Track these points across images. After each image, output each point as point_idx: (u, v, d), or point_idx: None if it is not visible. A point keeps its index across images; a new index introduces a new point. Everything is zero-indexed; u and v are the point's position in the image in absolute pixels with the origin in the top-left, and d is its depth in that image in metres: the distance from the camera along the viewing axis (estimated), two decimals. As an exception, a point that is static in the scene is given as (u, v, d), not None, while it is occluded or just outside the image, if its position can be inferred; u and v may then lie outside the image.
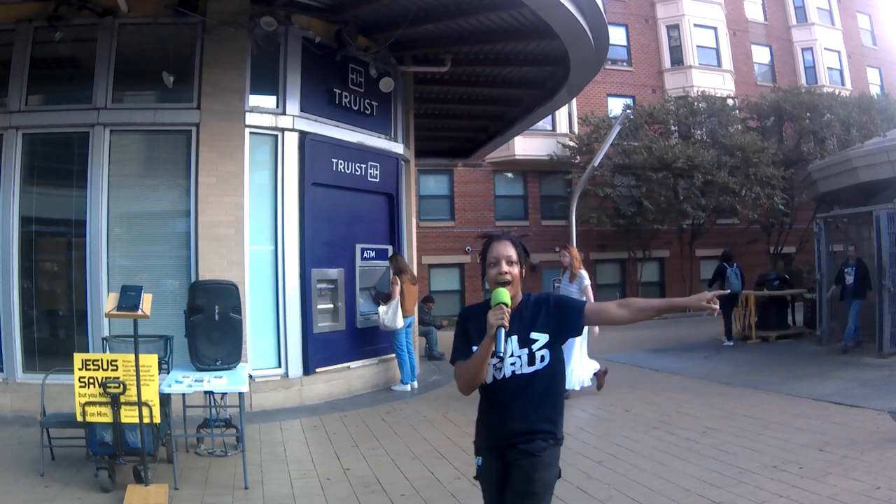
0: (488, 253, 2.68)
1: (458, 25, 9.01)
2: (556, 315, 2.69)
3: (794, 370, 9.88)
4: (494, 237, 2.72)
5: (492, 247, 2.69)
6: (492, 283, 2.63)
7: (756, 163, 20.20)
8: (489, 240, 2.73)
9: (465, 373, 2.61)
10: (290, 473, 5.46)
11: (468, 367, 2.59)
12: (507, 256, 2.65)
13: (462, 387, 2.67)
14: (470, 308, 2.78)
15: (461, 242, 22.72)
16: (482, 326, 2.53)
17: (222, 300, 5.91)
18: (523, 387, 2.63)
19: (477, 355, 2.55)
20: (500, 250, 2.66)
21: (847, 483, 4.78)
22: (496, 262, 2.65)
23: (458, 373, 2.65)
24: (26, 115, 7.56)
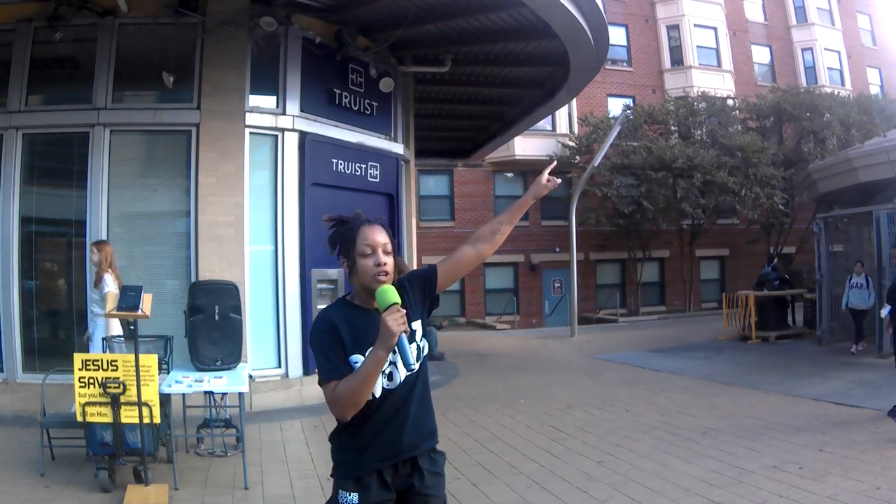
0: (357, 240, 2.22)
1: (458, 25, 9.01)
2: (419, 294, 2.34)
3: (794, 370, 9.89)
4: (361, 221, 2.27)
5: (362, 232, 2.22)
6: (368, 277, 2.19)
7: (756, 163, 20.21)
8: (353, 224, 2.26)
9: (353, 393, 2.09)
10: (290, 473, 5.46)
11: (356, 386, 2.09)
12: (384, 244, 2.23)
13: (343, 410, 2.12)
14: (331, 311, 2.26)
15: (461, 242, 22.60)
16: (358, 332, 2.17)
17: (222, 300, 5.91)
18: (413, 387, 2.26)
19: (367, 370, 2.08)
20: (376, 237, 2.22)
21: (847, 483, 4.78)
22: (372, 252, 2.20)
23: (338, 394, 2.11)
24: (26, 115, 7.56)
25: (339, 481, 2.25)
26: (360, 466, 2.22)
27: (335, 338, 2.17)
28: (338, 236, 2.29)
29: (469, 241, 2.49)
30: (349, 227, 2.27)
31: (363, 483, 2.21)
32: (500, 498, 4.80)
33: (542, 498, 4.79)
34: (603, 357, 12.10)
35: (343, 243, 2.27)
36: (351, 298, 2.30)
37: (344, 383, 2.12)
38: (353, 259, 2.23)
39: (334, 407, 2.15)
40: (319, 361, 2.18)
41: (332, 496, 2.27)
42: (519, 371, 10.97)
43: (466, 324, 21.74)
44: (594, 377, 10.00)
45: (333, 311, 2.25)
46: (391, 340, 2.05)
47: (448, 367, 11.33)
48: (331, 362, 2.16)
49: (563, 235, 19.74)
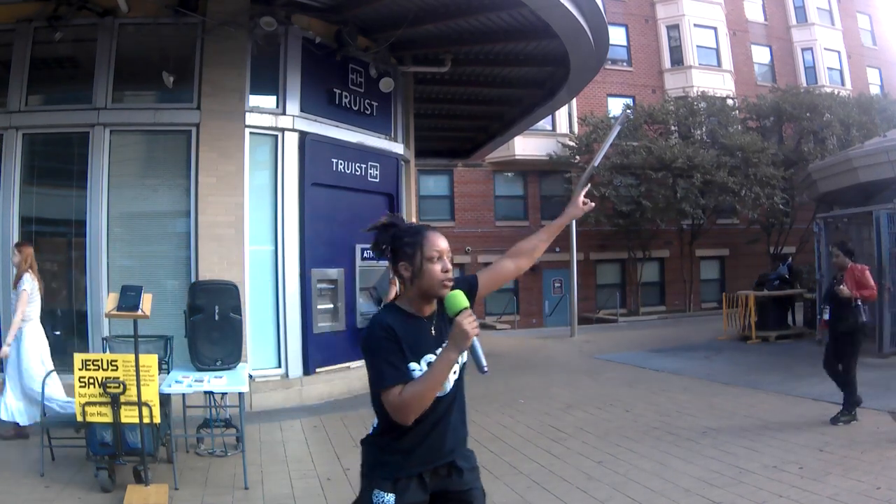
0: (425, 246, 2.21)
1: (458, 25, 9.02)
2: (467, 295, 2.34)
3: (794, 370, 9.88)
4: (425, 228, 2.28)
5: (429, 238, 2.23)
6: (435, 282, 2.21)
7: (756, 163, 20.22)
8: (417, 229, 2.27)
9: (422, 397, 2.13)
10: (290, 473, 5.46)
11: (427, 389, 2.12)
12: (448, 251, 2.25)
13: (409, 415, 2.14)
14: (387, 319, 2.24)
15: (461, 242, 22.71)
16: (412, 340, 2.20)
17: (222, 300, 5.92)
18: (455, 395, 2.33)
19: (439, 373, 2.13)
20: (443, 244, 2.24)
21: (847, 483, 4.78)
22: (440, 257, 2.22)
23: (405, 398, 2.12)
24: (26, 115, 7.56)
25: (375, 481, 2.25)
26: (402, 469, 2.24)
27: (396, 343, 2.18)
28: (398, 241, 2.27)
29: (509, 256, 2.55)
30: (415, 231, 2.26)
31: (400, 485, 2.23)
32: (500, 498, 4.79)
33: (542, 498, 4.79)
34: (603, 357, 12.10)
35: (407, 248, 2.24)
36: (401, 305, 2.29)
37: (411, 387, 2.13)
38: (419, 264, 2.22)
39: (399, 412, 2.14)
40: (380, 367, 2.17)
41: (364, 496, 2.26)
42: (519, 371, 10.96)
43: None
44: (594, 377, 10.00)
45: (390, 317, 2.24)
46: (466, 343, 2.10)
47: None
48: (394, 367, 2.16)
49: (562, 235, 19.64)
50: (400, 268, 2.26)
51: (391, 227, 2.29)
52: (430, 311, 2.29)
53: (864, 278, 6.88)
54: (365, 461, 2.33)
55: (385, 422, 2.23)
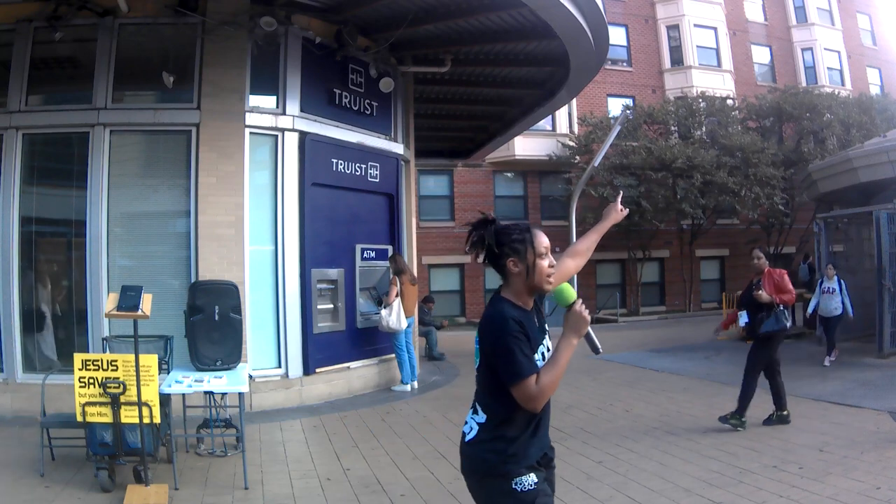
0: (535, 242, 2.35)
1: (458, 25, 9.01)
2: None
3: (794, 370, 9.87)
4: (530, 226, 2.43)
5: (538, 235, 2.38)
6: (542, 277, 2.35)
7: (756, 163, 20.22)
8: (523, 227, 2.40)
9: (555, 383, 2.26)
10: (290, 473, 5.46)
11: (558, 375, 2.26)
12: (550, 247, 2.42)
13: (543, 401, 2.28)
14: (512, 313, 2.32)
15: (461, 242, 22.40)
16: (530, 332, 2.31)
17: (222, 300, 5.91)
18: None
19: (566, 359, 2.29)
20: (546, 240, 2.40)
21: (847, 483, 4.78)
22: (547, 252, 2.38)
23: (542, 387, 2.23)
24: (26, 115, 7.55)
25: (511, 471, 2.29)
26: (531, 455, 2.34)
27: (526, 336, 2.28)
28: (505, 237, 2.36)
29: (569, 255, 2.73)
30: (523, 228, 2.39)
31: (533, 467, 2.33)
32: (500, 498, 4.79)
33: (542, 498, 4.78)
34: (603, 357, 12.09)
35: (517, 245, 2.35)
36: (510, 298, 2.38)
37: (545, 376, 2.25)
38: (531, 260, 2.35)
39: (533, 400, 2.24)
40: (516, 359, 2.24)
41: (504, 488, 2.28)
42: (519, 371, 10.95)
43: (466, 324, 21.73)
44: (594, 377, 10.01)
45: (513, 311, 2.33)
46: (585, 329, 2.33)
47: (448, 367, 11.34)
48: (528, 359, 2.26)
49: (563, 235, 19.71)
50: (509, 264, 2.36)
51: (491, 224, 2.38)
52: (531, 304, 2.42)
53: (782, 282, 6.77)
54: (486, 461, 2.33)
55: (503, 414, 2.31)
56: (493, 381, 2.32)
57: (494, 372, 2.31)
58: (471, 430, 2.39)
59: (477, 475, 2.36)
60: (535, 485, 2.30)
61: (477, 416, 2.39)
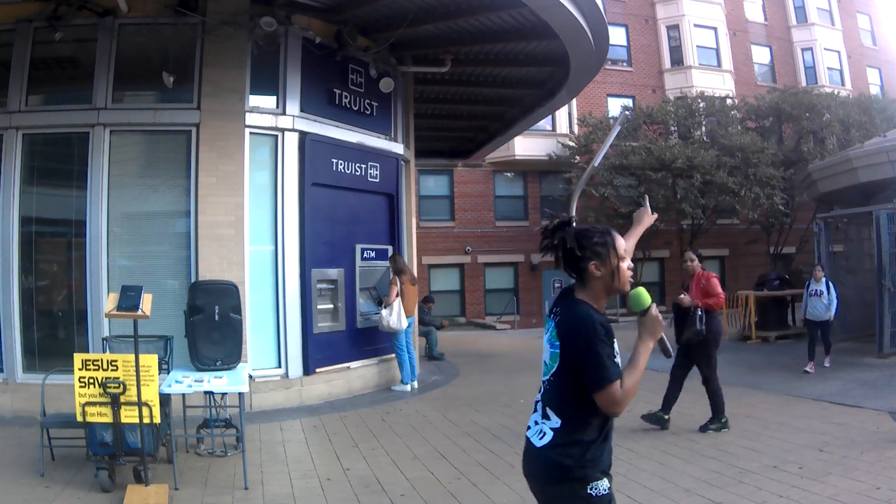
0: (617, 245, 2.37)
1: (458, 25, 9.01)
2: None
3: (794, 370, 9.89)
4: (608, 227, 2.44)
5: (618, 238, 2.40)
6: (624, 279, 2.38)
7: (755, 163, 20.21)
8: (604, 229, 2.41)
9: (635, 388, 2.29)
10: (290, 473, 5.46)
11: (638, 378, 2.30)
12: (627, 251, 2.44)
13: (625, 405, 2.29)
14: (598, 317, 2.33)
15: (461, 242, 22.71)
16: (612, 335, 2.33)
17: (222, 300, 5.91)
18: None
19: (644, 363, 2.33)
20: (625, 242, 2.44)
21: (847, 483, 4.78)
22: (626, 255, 2.40)
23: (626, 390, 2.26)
24: (26, 115, 7.55)
25: (588, 476, 2.28)
26: (605, 460, 2.35)
27: (611, 339, 2.30)
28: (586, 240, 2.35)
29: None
30: (604, 231, 2.39)
31: (607, 472, 2.35)
32: (500, 498, 4.80)
33: (542, 498, 4.78)
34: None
35: (599, 248, 2.35)
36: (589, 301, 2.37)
37: (628, 380, 2.27)
38: (614, 263, 2.35)
39: (618, 404, 2.25)
40: (604, 363, 2.24)
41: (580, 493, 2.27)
42: (519, 371, 10.97)
43: (466, 324, 21.74)
44: (594, 377, 9.99)
45: (599, 316, 2.33)
46: (660, 332, 2.36)
47: (448, 367, 11.34)
48: (615, 363, 2.28)
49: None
50: (591, 267, 2.35)
51: (567, 226, 2.37)
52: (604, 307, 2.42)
53: (709, 286, 6.67)
54: (561, 466, 2.30)
55: (581, 419, 2.30)
56: (571, 384, 2.30)
57: (575, 375, 2.28)
58: (543, 435, 2.34)
59: (552, 480, 2.32)
60: (609, 490, 2.31)
61: (549, 422, 2.35)
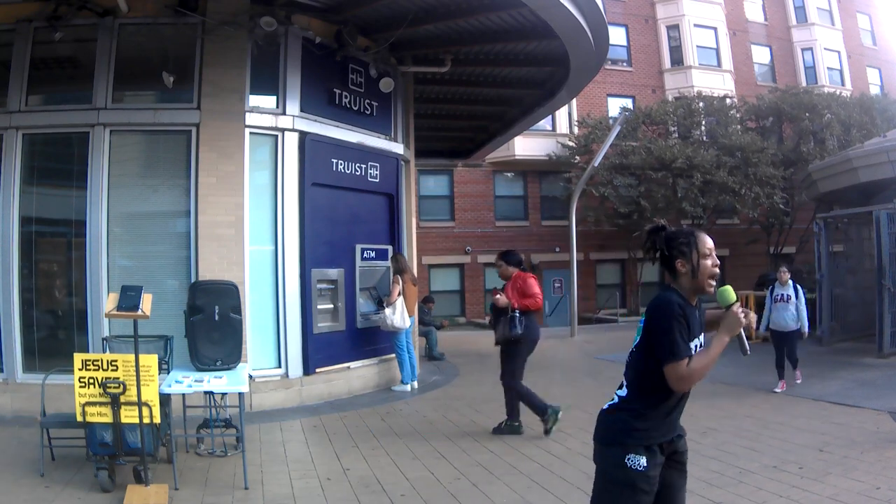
0: (699, 244, 2.60)
1: (458, 25, 9.01)
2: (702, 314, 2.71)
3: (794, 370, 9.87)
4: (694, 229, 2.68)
5: (701, 238, 2.62)
6: (706, 276, 2.58)
7: (755, 163, 20.22)
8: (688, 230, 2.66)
9: (703, 369, 2.49)
10: (290, 473, 5.46)
11: (706, 364, 2.49)
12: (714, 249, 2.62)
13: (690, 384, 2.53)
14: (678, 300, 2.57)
15: (461, 242, 22.71)
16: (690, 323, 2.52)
17: (222, 300, 5.91)
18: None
19: (716, 353, 2.50)
20: (710, 241, 2.62)
21: (847, 483, 4.78)
22: (711, 253, 2.60)
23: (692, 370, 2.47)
24: (26, 115, 7.55)
25: (628, 447, 2.53)
26: (651, 437, 2.55)
27: (687, 323, 2.51)
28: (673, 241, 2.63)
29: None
30: (688, 233, 2.64)
31: (651, 450, 2.53)
32: (500, 498, 4.80)
33: (543, 498, 4.79)
34: (603, 357, 12.10)
35: (684, 247, 2.60)
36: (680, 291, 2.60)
37: (696, 361, 2.48)
38: (695, 260, 2.58)
39: (683, 381, 2.48)
40: (674, 339, 2.47)
41: (615, 461, 2.54)
42: (519, 371, 10.94)
43: (466, 324, 21.74)
44: (594, 377, 10.01)
45: (679, 299, 2.56)
46: (738, 329, 2.52)
47: (448, 367, 11.34)
48: (685, 342, 2.49)
49: (563, 235, 19.73)
50: (677, 265, 2.61)
51: (661, 231, 2.67)
52: (695, 302, 2.63)
53: (526, 286, 6.60)
54: (612, 429, 2.61)
55: (644, 392, 2.57)
56: (645, 359, 2.55)
57: (650, 351, 2.53)
58: (612, 401, 2.66)
59: (602, 441, 2.63)
60: (645, 468, 2.50)
61: (620, 391, 2.65)
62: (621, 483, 2.53)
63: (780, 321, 8.58)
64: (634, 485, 2.50)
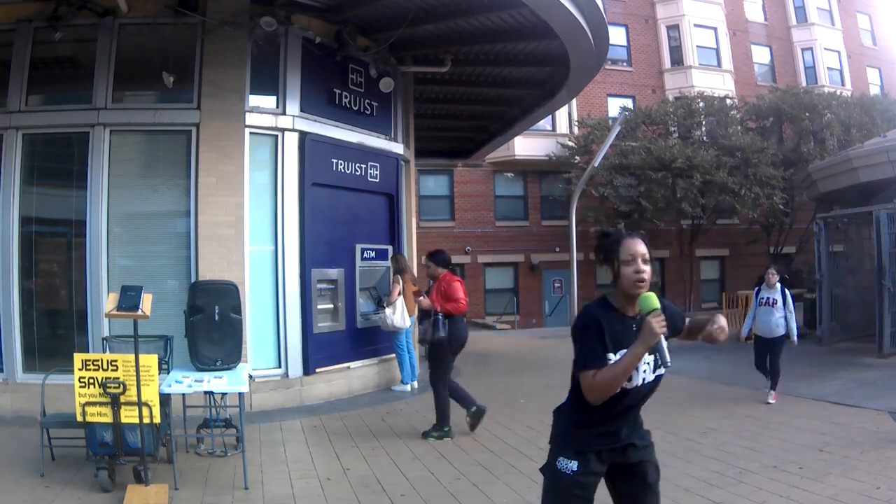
0: (620, 250, 2.52)
1: (458, 25, 9.01)
2: (670, 319, 2.58)
3: (794, 370, 9.88)
4: (623, 234, 2.58)
5: (624, 244, 2.52)
6: (628, 282, 2.50)
7: (755, 163, 20.22)
8: (616, 236, 2.57)
9: (611, 382, 2.41)
10: (290, 473, 5.46)
11: (616, 376, 2.40)
12: (643, 254, 2.51)
13: (599, 396, 2.44)
14: (595, 310, 2.55)
15: (461, 242, 22.70)
16: (615, 333, 2.46)
17: (222, 300, 5.90)
18: (646, 392, 2.60)
19: (627, 364, 2.40)
20: (636, 247, 2.51)
21: (847, 483, 4.78)
22: (632, 260, 2.50)
23: (598, 381, 2.41)
24: (26, 115, 7.55)
25: (561, 449, 2.56)
26: (583, 443, 2.54)
27: (598, 333, 2.47)
28: (601, 246, 2.60)
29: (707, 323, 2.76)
30: (615, 238, 2.57)
31: (585, 455, 2.53)
32: (500, 498, 4.80)
33: (542, 498, 4.78)
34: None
35: (610, 252, 2.55)
36: (610, 300, 2.58)
37: (603, 373, 2.41)
38: (615, 267, 2.53)
39: (589, 392, 2.45)
40: (583, 351, 2.47)
41: (550, 461, 2.58)
42: (519, 371, 10.97)
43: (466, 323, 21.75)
44: (594, 377, 9.99)
45: (598, 310, 2.54)
46: (652, 340, 2.37)
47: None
48: (594, 353, 2.45)
49: (563, 235, 19.72)
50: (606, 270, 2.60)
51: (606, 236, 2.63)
52: (633, 311, 2.53)
53: (450, 290, 6.51)
54: (555, 430, 2.66)
55: (577, 397, 2.54)
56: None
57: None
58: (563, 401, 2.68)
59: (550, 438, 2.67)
60: (574, 472, 2.51)
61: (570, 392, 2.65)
62: (553, 482, 2.56)
63: (764, 326, 7.99)
64: (564, 487, 2.52)
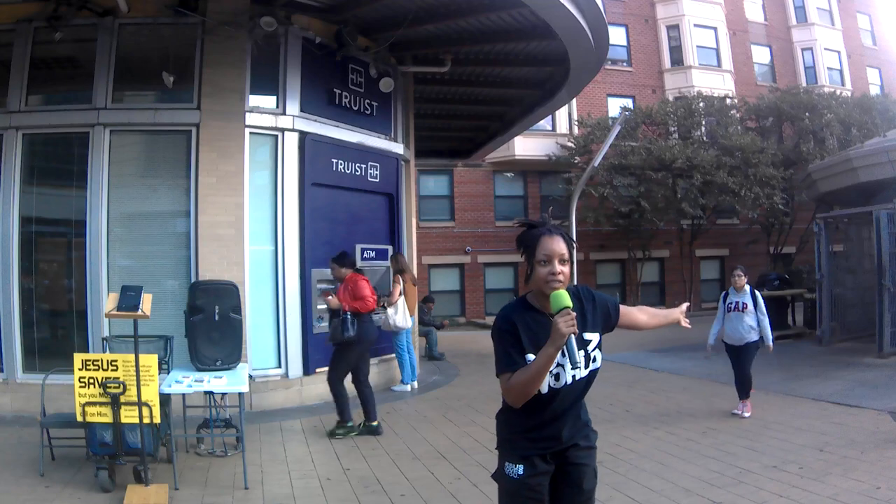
0: (537, 249, 2.39)
1: (458, 25, 9.01)
2: (602, 312, 2.56)
3: (794, 370, 9.89)
4: (543, 231, 2.42)
5: (541, 242, 2.39)
6: (541, 283, 2.37)
7: (755, 163, 20.22)
8: (536, 233, 2.42)
9: (525, 385, 2.32)
10: (290, 473, 5.46)
11: (528, 379, 2.31)
12: (561, 254, 2.38)
13: (516, 399, 2.37)
14: (512, 311, 2.45)
15: (461, 242, 22.70)
16: (533, 333, 2.38)
17: (222, 300, 5.91)
18: (580, 391, 2.50)
19: (539, 366, 2.30)
20: (553, 247, 2.37)
21: (847, 483, 4.78)
22: (548, 260, 2.37)
23: (511, 384, 2.35)
24: (26, 115, 7.55)
25: (505, 454, 2.53)
26: (525, 447, 2.48)
27: (514, 335, 2.39)
28: (521, 240, 2.48)
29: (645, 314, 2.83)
30: (531, 235, 2.44)
31: (528, 458, 2.47)
32: (500, 498, 4.79)
33: (542, 498, 4.78)
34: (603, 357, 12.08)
35: (526, 249, 2.45)
36: (530, 300, 2.49)
37: (517, 375, 2.35)
38: (531, 264, 2.43)
39: (507, 395, 2.41)
40: (499, 355, 2.41)
41: (499, 467, 2.54)
42: (519, 371, 10.94)
43: (466, 324, 21.73)
44: (594, 377, 9.99)
45: (513, 312, 2.45)
46: (560, 341, 2.26)
47: (448, 367, 11.34)
48: (508, 356, 2.38)
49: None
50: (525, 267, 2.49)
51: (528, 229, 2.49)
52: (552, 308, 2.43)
53: (356, 289, 6.57)
54: (497, 435, 2.61)
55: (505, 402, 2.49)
56: None
57: None
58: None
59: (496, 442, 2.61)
60: (521, 476, 2.45)
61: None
62: (504, 488, 2.52)
63: (733, 333, 7.24)
64: (514, 491, 2.48)
